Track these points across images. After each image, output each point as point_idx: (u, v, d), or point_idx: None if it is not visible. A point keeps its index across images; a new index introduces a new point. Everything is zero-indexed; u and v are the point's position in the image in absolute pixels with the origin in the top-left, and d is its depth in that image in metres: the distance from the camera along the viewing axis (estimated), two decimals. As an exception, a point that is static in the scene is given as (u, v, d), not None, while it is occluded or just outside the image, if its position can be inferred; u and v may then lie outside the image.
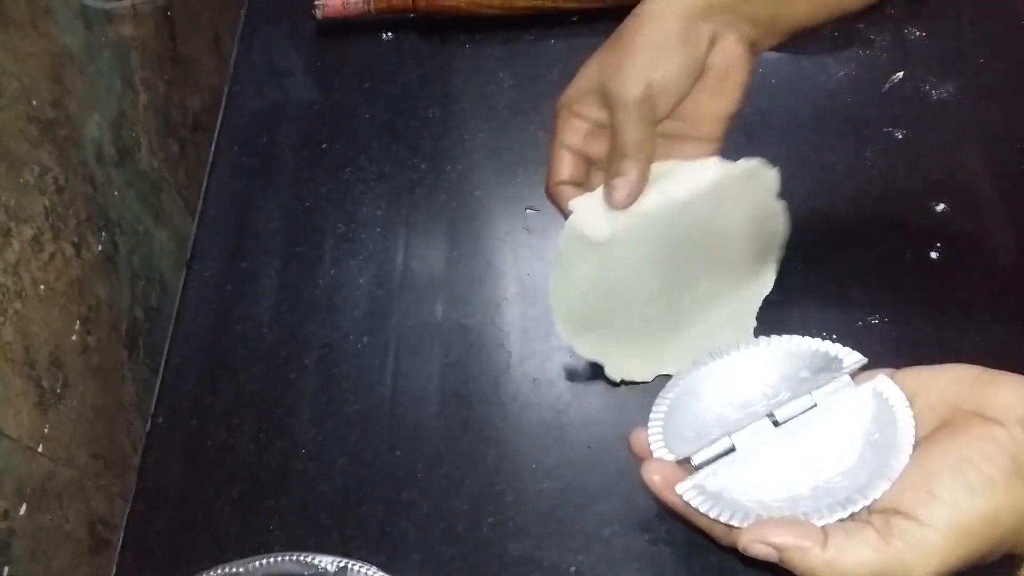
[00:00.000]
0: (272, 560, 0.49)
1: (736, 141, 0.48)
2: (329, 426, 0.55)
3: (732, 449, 0.40)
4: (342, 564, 0.49)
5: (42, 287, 0.49)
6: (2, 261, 0.46)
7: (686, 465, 0.40)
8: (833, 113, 0.64)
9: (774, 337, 0.44)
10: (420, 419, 0.55)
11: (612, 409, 0.54)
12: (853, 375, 0.41)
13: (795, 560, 0.35)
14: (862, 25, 0.67)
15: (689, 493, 0.39)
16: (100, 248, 0.56)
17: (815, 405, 0.40)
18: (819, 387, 0.40)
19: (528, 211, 0.62)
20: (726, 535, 0.39)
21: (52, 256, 0.51)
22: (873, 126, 0.63)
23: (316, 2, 0.69)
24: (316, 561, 0.49)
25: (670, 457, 0.41)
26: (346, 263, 0.61)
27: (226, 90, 0.71)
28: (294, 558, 0.49)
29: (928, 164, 0.61)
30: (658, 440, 0.42)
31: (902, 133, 0.62)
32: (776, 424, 0.40)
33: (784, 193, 0.48)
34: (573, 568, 0.49)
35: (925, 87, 0.64)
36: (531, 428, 0.54)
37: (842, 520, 0.36)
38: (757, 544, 0.36)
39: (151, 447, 0.56)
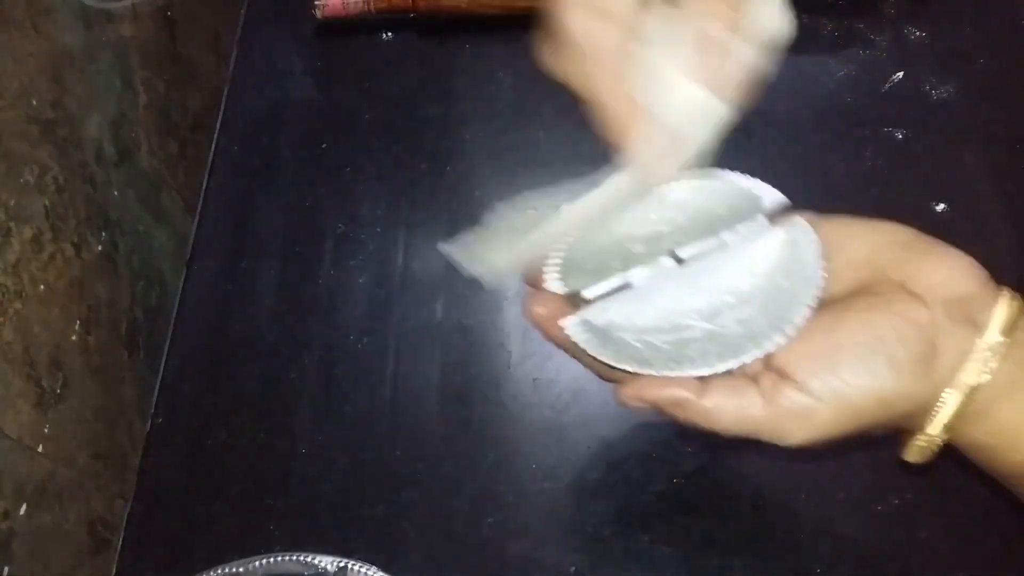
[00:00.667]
0: (272, 560, 0.49)
1: (736, 141, 0.48)
2: (329, 426, 0.55)
3: (627, 285, 0.38)
4: (342, 564, 0.49)
5: (42, 287, 0.49)
6: (2, 261, 0.46)
7: (579, 301, 0.38)
8: (833, 113, 0.64)
9: (696, 170, 0.39)
10: (420, 419, 0.55)
11: (612, 409, 0.54)
12: (772, 217, 0.38)
13: (675, 413, 0.35)
14: (862, 25, 0.67)
15: (573, 328, 0.37)
16: (100, 248, 0.56)
17: (724, 245, 0.37)
18: (731, 227, 0.38)
19: (528, 211, 0.62)
20: (607, 374, 0.38)
21: (52, 256, 0.51)
22: (873, 126, 0.63)
23: (316, 2, 0.69)
24: (316, 561, 0.49)
25: (561, 290, 0.38)
26: (346, 263, 0.61)
27: (226, 90, 0.71)
28: (294, 558, 0.49)
29: (928, 164, 0.61)
30: (554, 272, 0.39)
31: (902, 133, 0.62)
32: (679, 262, 0.38)
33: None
34: (573, 568, 0.49)
35: (925, 87, 0.64)
36: (531, 428, 0.54)
37: (731, 371, 0.34)
38: (633, 401, 0.36)
39: (151, 447, 0.56)
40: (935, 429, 0.34)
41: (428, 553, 0.50)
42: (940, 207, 0.58)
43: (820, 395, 0.33)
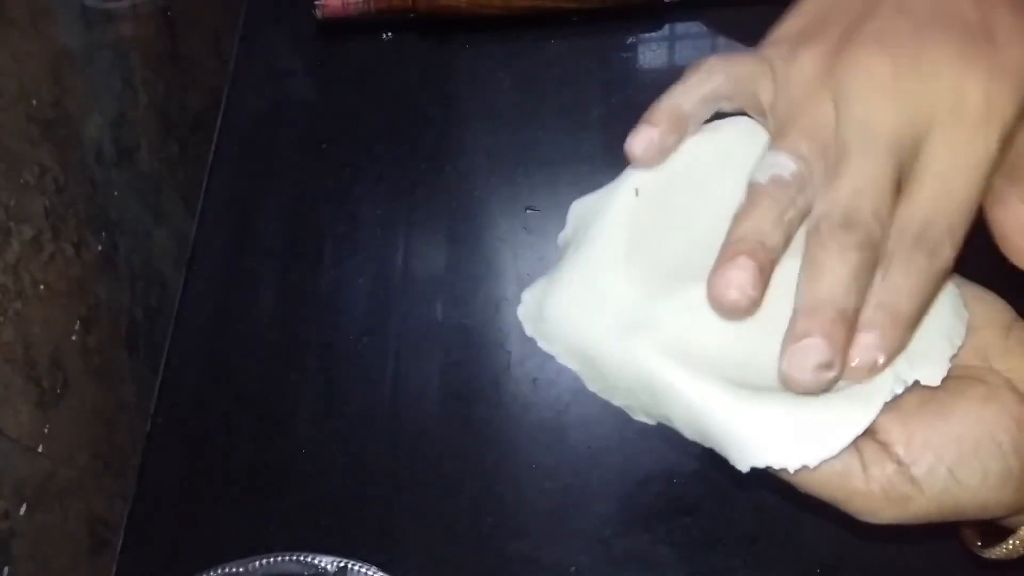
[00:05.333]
0: (272, 560, 0.49)
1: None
2: (329, 426, 0.55)
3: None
4: (342, 564, 0.49)
5: (42, 287, 0.49)
6: (2, 261, 0.46)
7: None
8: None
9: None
10: (420, 419, 0.55)
11: (612, 409, 0.54)
12: None
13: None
14: (862, 25, 0.67)
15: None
16: (100, 248, 0.56)
17: None
18: None
19: (528, 211, 0.62)
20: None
21: (52, 256, 0.50)
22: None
23: (316, 2, 0.69)
24: (316, 561, 0.49)
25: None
26: (346, 263, 0.61)
27: (226, 90, 0.71)
28: (294, 558, 0.49)
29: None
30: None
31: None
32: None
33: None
34: (573, 568, 0.49)
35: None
36: (531, 428, 0.54)
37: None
38: None
39: (151, 447, 0.56)
40: None
41: (428, 553, 0.50)
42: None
43: (926, 487, 0.31)
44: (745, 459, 0.31)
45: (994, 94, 0.30)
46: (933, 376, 0.32)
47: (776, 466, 0.31)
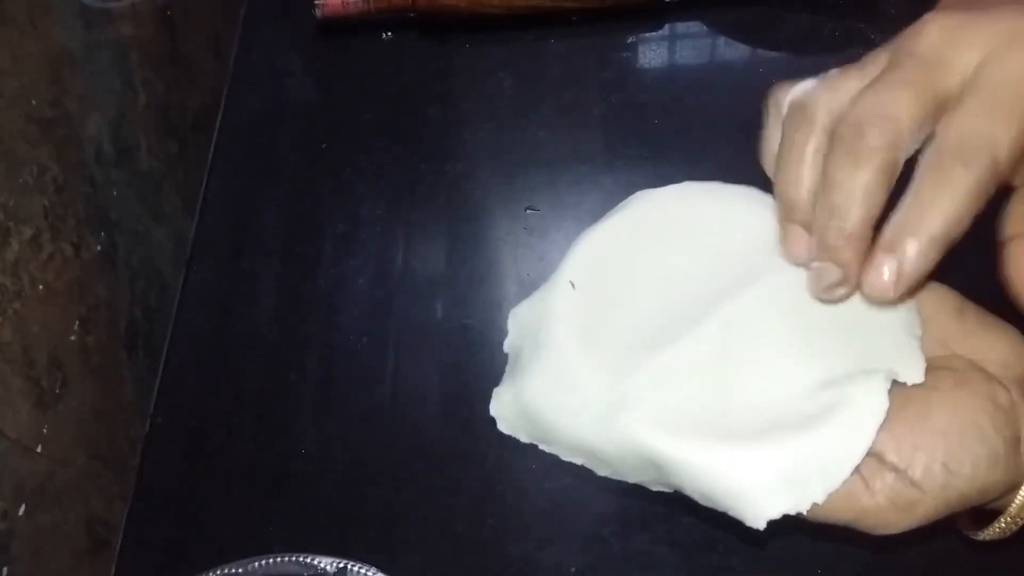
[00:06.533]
0: (272, 560, 0.49)
1: (735, 141, 0.48)
2: (329, 426, 0.55)
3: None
4: (342, 564, 0.49)
5: (41, 287, 0.49)
6: (1, 261, 0.46)
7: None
8: (833, 113, 0.63)
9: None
10: (420, 419, 0.55)
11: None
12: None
13: None
14: (862, 25, 0.67)
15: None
16: (99, 248, 0.56)
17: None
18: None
19: (528, 211, 0.62)
20: None
21: (51, 256, 0.50)
22: (873, 126, 0.62)
23: (316, 1, 0.69)
24: (316, 561, 0.49)
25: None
26: (346, 263, 0.61)
27: (226, 90, 0.71)
28: (294, 558, 0.49)
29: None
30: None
31: (902, 133, 0.62)
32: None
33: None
34: (573, 568, 0.49)
35: (925, 87, 0.64)
36: (531, 428, 0.54)
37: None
38: None
39: (151, 447, 0.56)
40: (1018, 511, 0.33)
41: (428, 553, 0.50)
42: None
43: (926, 487, 0.31)
44: (758, 515, 0.31)
45: None
46: (915, 374, 0.33)
47: (790, 512, 0.31)
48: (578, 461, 0.35)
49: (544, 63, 0.69)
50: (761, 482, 0.31)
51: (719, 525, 0.50)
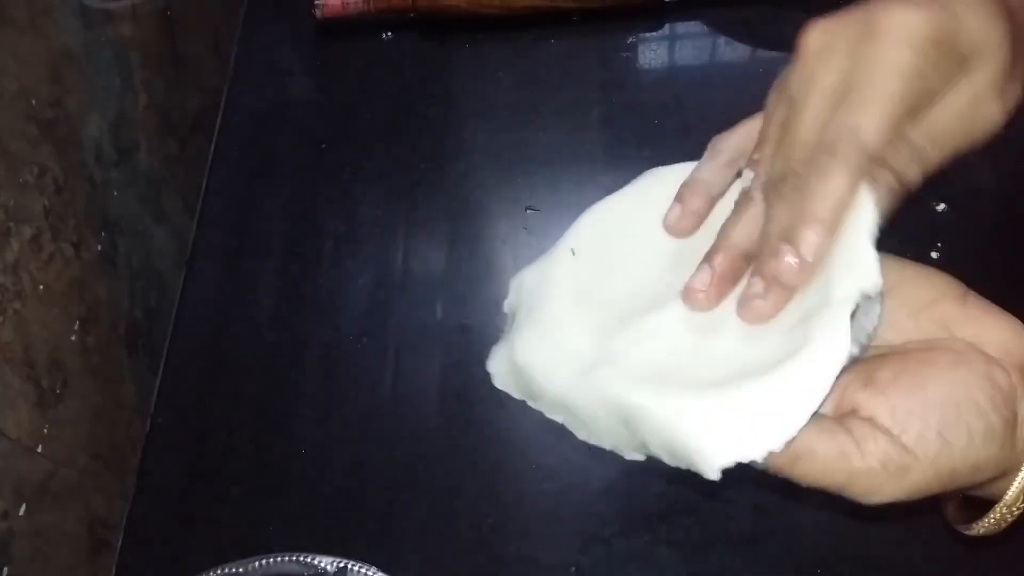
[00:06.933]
0: (272, 560, 0.49)
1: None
2: (329, 426, 0.55)
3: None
4: (342, 564, 0.49)
5: (41, 287, 0.49)
6: (1, 261, 0.46)
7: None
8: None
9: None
10: (420, 419, 0.55)
11: (612, 409, 0.54)
12: None
13: None
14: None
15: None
16: (99, 248, 0.56)
17: None
18: None
19: (528, 211, 0.62)
20: None
21: (51, 256, 0.50)
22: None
23: (316, 2, 0.69)
24: (316, 561, 0.49)
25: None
26: (346, 263, 0.61)
27: (226, 90, 0.71)
28: (294, 558, 0.49)
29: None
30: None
31: (902, 133, 0.62)
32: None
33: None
34: (573, 568, 0.49)
35: (925, 87, 0.64)
36: (531, 428, 0.54)
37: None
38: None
39: (151, 447, 0.56)
40: (1014, 498, 0.33)
41: (428, 553, 0.50)
42: (940, 207, 0.58)
43: (919, 453, 0.31)
44: (711, 464, 0.31)
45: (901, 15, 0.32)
46: (872, 282, 0.33)
47: (743, 460, 0.31)
48: (559, 419, 0.37)
49: (544, 63, 0.69)
50: (716, 429, 0.31)
51: (719, 525, 0.50)
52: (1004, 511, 0.34)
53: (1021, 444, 0.32)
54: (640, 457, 0.35)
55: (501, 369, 0.38)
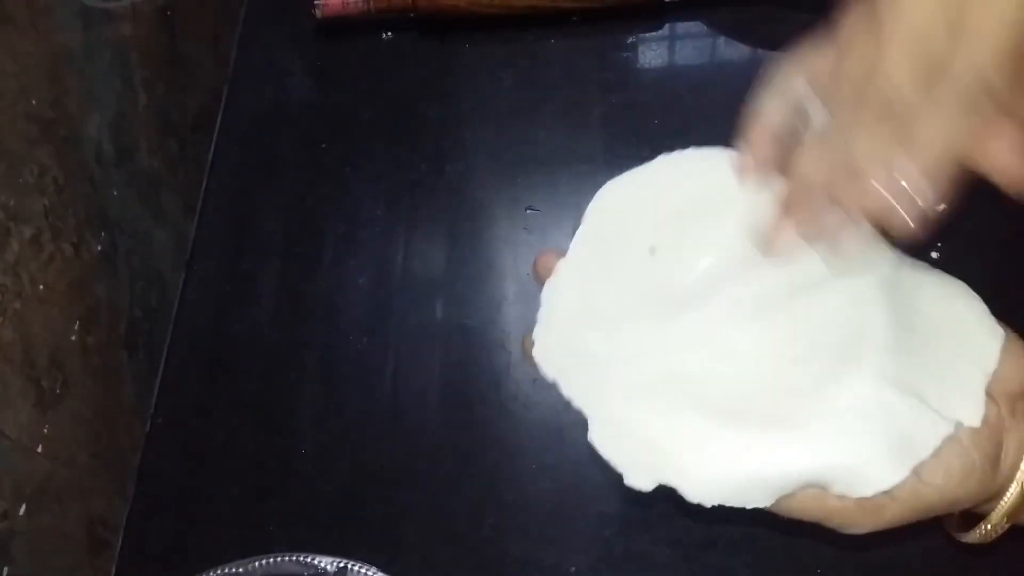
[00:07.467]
0: (272, 560, 0.49)
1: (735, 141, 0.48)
2: (329, 426, 0.55)
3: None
4: (342, 564, 0.49)
5: (41, 287, 0.49)
6: (1, 261, 0.46)
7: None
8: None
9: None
10: (420, 419, 0.55)
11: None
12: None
13: None
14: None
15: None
16: (99, 248, 0.56)
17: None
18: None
19: (528, 211, 0.62)
20: None
21: (51, 256, 0.50)
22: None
23: (316, 1, 0.69)
24: (316, 561, 0.49)
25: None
26: (346, 263, 0.61)
27: (226, 90, 0.71)
28: (294, 558, 0.49)
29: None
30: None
31: (902, 133, 0.62)
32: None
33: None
34: (573, 568, 0.49)
35: (925, 87, 0.64)
36: (531, 428, 0.54)
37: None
38: None
39: (151, 447, 0.56)
40: (998, 520, 0.33)
41: (428, 553, 0.50)
42: (940, 207, 0.58)
43: (896, 494, 0.32)
44: (700, 498, 0.32)
45: None
46: (973, 416, 0.32)
47: (732, 505, 0.32)
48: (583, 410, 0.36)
49: (544, 63, 0.69)
50: (711, 470, 0.32)
51: (719, 526, 0.50)
52: (989, 528, 0.34)
53: (1006, 471, 0.33)
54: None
55: (538, 352, 0.38)
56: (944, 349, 0.34)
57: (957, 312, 0.34)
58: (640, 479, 0.33)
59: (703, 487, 0.32)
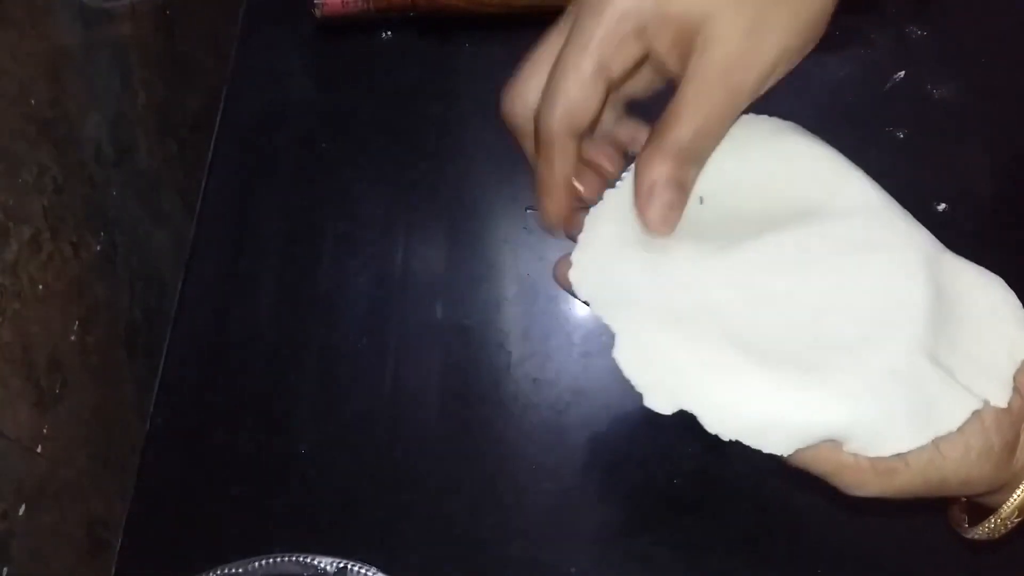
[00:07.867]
0: (272, 560, 0.49)
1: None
2: (329, 426, 0.55)
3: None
4: (342, 564, 0.49)
5: (40, 287, 0.49)
6: (1, 261, 0.46)
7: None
8: (834, 113, 0.63)
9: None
10: (420, 419, 0.54)
11: (612, 409, 0.54)
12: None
13: None
14: (863, 25, 0.67)
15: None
16: (99, 248, 0.56)
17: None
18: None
19: (528, 211, 0.62)
20: None
21: (51, 256, 0.50)
22: (874, 126, 0.62)
23: (316, 1, 0.69)
24: (316, 561, 0.49)
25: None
26: (346, 263, 0.61)
27: (225, 90, 0.71)
28: (294, 558, 0.49)
29: (929, 164, 0.61)
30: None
31: (903, 133, 0.62)
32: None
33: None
34: (573, 569, 0.49)
35: (927, 86, 0.64)
36: (531, 428, 0.53)
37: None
38: None
39: (150, 447, 0.56)
40: (1009, 513, 0.34)
41: (428, 553, 0.50)
42: (941, 207, 0.58)
43: (912, 460, 0.32)
44: (720, 429, 0.32)
45: None
46: (1000, 396, 0.33)
47: (749, 444, 0.32)
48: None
49: (544, 63, 0.69)
50: (739, 405, 0.32)
51: (719, 525, 0.50)
52: (999, 522, 0.34)
53: (1020, 463, 0.33)
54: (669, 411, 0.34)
55: (575, 277, 0.37)
56: (977, 333, 0.34)
57: (992, 302, 0.35)
58: (661, 401, 0.32)
59: (724, 418, 0.32)
